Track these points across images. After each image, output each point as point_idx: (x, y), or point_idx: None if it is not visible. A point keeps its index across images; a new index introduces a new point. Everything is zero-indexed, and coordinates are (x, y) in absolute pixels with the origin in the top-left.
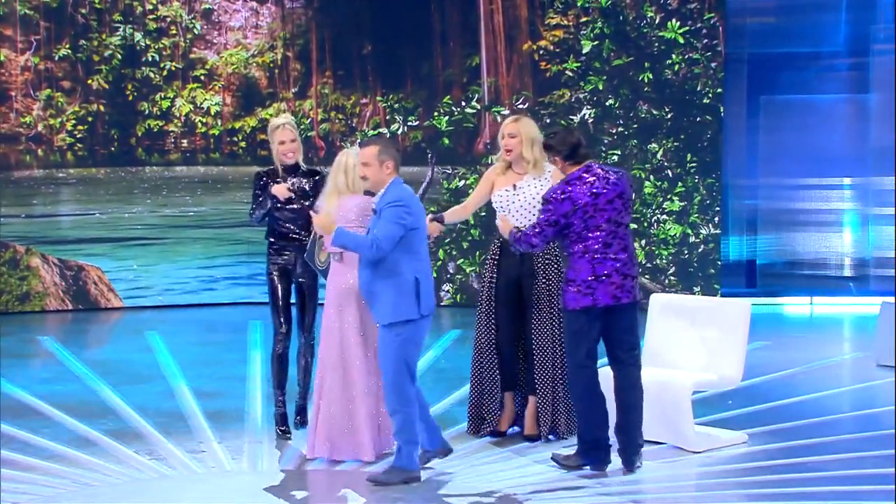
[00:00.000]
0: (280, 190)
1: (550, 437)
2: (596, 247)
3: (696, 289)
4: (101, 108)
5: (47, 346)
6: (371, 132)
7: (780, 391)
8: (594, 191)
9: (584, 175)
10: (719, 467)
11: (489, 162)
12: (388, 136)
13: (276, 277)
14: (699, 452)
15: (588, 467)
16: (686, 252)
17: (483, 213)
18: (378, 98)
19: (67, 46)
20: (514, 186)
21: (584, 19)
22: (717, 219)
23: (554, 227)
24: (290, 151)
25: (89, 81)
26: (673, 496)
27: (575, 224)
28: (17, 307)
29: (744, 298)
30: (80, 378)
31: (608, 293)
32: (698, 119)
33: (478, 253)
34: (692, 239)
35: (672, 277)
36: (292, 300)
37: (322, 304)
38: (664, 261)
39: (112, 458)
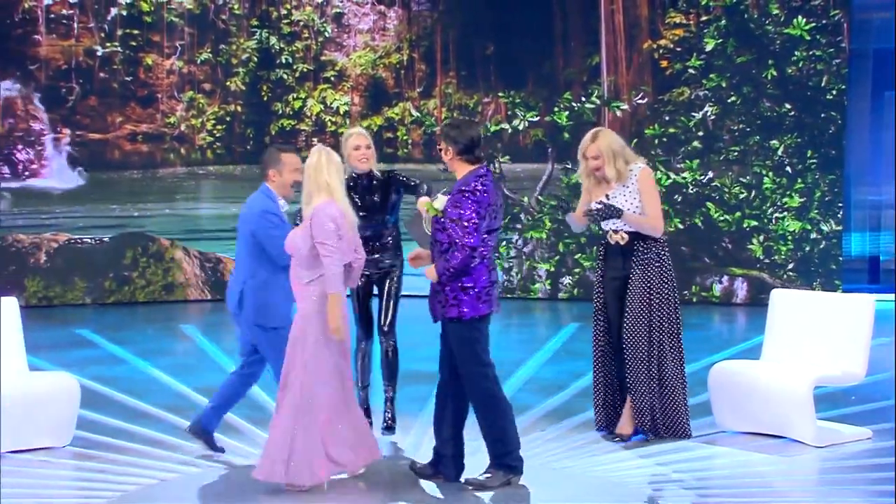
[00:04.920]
0: None
1: (648, 435)
2: (488, 252)
3: (816, 284)
4: (239, 108)
5: (190, 335)
6: (493, 128)
7: None
8: (496, 192)
9: (487, 174)
10: (842, 463)
11: None
12: (509, 132)
13: (366, 281)
14: (821, 447)
15: (512, 477)
16: (807, 248)
17: None
18: (500, 94)
19: (208, 50)
20: (607, 196)
21: (704, 18)
22: (839, 214)
23: (483, 220)
24: (363, 157)
25: (228, 83)
26: (795, 490)
27: (484, 222)
28: (163, 297)
29: (866, 294)
30: (220, 366)
31: (496, 299)
32: (822, 115)
33: (595, 248)
34: (813, 235)
35: (791, 273)
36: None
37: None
38: (783, 256)
39: (252, 442)
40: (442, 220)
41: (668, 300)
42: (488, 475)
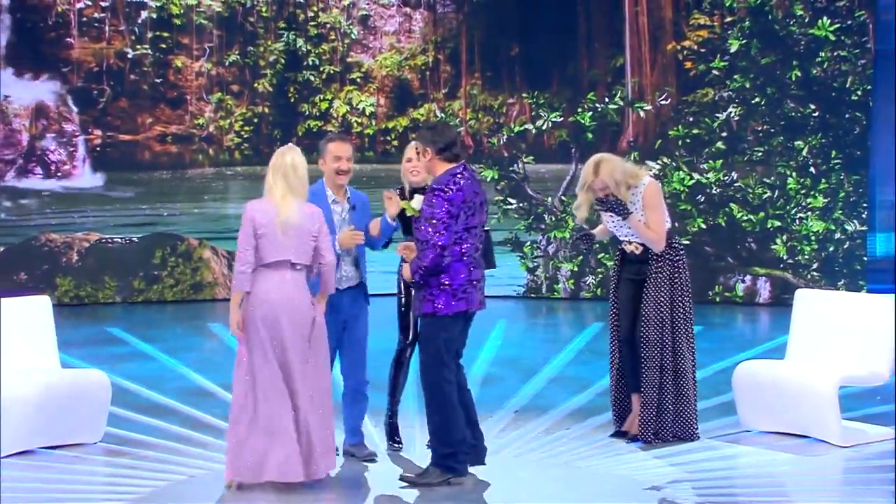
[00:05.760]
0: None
1: (655, 441)
2: (471, 250)
3: (840, 285)
4: (266, 109)
5: (217, 333)
6: (517, 129)
7: None
8: (475, 189)
9: (463, 172)
10: (867, 462)
11: (633, 159)
12: (533, 132)
13: (403, 287)
14: (847, 447)
15: (451, 477)
16: (831, 248)
17: None
18: (524, 95)
19: (236, 53)
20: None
21: (729, 19)
22: (863, 215)
23: (455, 220)
24: (413, 169)
25: (255, 85)
26: (820, 489)
27: (458, 220)
28: (191, 296)
29: (892, 294)
30: None
31: (478, 299)
32: (846, 116)
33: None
34: (837, 235)
35: (815, 273)
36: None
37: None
38: (807, 257)
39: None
40: (419, 219)
41: (682, 306)
42: (425, 472)
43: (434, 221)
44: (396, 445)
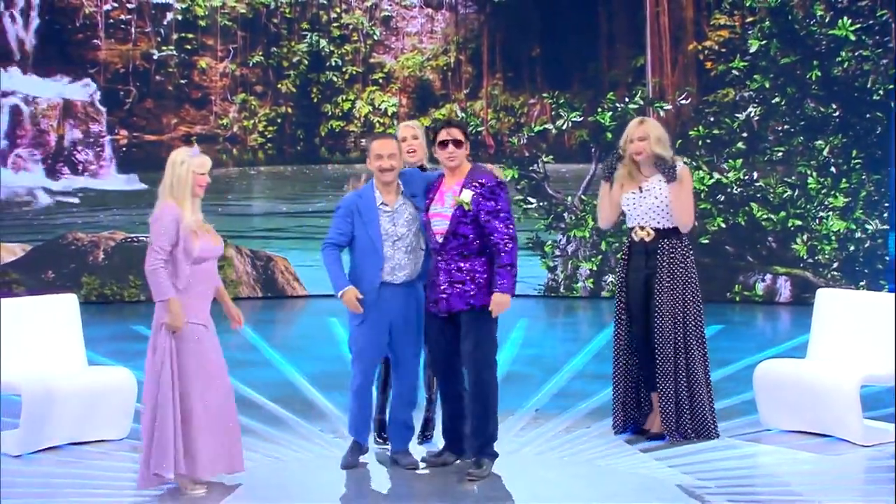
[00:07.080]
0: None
1: (677, 437)
2: None
3: (861, 284)
4: (289, 110)
5: (242, 332)
6: (537, 129)
7: None
8: None
9: None
10: (889, 462)
11: None
12: (553, 132)
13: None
14: (868, 446)
15: (489, 461)
16: (851, 247)
17: None
18: (544, 95)
19: (260, 54)
20: (640, 189)
21: (750, 19)
22: (884, 214)
23: None
24: (410, 149)
25: (279, 86)
26: (842, 488)
27: None
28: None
29: None
30: (270, 362)
31: None
32: (867, 115)
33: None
34: (858, 234)
35: (836, 272)
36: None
37: None
38: (827, 256)
39: (298, 435)
40: (469, 212)
41: (693, 301)
42: (480, 465)
43: (503, 214)
44: (385, 443)
